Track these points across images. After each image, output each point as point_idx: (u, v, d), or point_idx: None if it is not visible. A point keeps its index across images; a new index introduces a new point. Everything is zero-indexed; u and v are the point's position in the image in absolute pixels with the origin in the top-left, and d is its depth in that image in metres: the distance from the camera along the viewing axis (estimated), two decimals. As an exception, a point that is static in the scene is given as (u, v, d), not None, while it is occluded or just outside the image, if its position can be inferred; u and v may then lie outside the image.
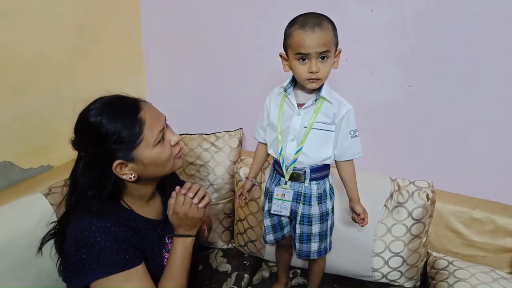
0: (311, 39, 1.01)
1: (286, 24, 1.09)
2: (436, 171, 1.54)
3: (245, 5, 1.67)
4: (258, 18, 1.66)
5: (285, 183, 1.19)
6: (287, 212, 1.22)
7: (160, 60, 1.94)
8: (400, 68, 1.49)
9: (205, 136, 1.72)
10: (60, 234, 1.01)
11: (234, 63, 1.78)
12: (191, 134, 1.72)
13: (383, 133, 1.60)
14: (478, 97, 1.40)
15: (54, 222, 1.06)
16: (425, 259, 1.45)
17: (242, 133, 1.74)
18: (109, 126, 0.92)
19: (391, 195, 1.39)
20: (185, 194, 1.04)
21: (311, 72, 1.04)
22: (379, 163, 1.59)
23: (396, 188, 1.40)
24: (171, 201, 1.06)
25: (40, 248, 1.05)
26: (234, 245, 1.71)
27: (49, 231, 1.05)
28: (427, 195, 1.35)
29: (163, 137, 1.00)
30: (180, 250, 1.05)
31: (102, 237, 0.92)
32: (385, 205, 1.39)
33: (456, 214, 1.43)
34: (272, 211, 1.23)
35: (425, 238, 1.40)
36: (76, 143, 0.97)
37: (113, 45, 1.76)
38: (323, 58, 1.04)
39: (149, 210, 1.09)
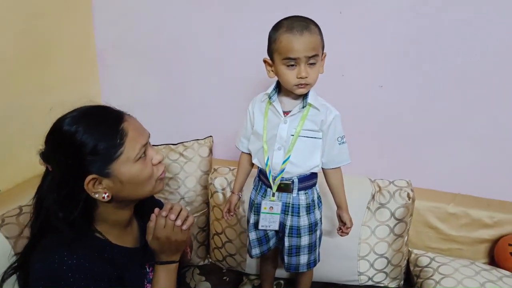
0: (300, 43, 0.97)
1: (255, 24, 1.03)
2: (409, 169, 1.56)
3: (209, 4, 1.58)
4: (223, 18, 1.58)
5: (273, 195, 1.13)
6: (276, 226, 1.15)
7: (117, 66, 1.79)
8: (370, 69, 1.49)
9: (172, 146, 1.61)
10: (24, 267, 0.88)
11: (198, 67, 1.69)
12: (157, 145, 1.60)
13: (355, 134, 1.58)
14: (449, 96, 1.43)
15: (17, 254, 0.92)
16: (407, 258, 1.46)
17: (212, 141, 1.65)
18: (85, 134, 0.82)
19: (373, 197, 1.38)
20: (166, 217, 0.93)
21: (300, 78, 1.00)
22: (353, 165, 1.59)
23: (377, 189, 1.40)
24: (151, 224, 0.93)
25: (0, 286, 0.90)
26: (210, 260, 1.61)
27: (11, 265, 0.91)
28: (408, 194, 1.36)
29: (145, 154, 0.90)
30: (163, 279, 0.94)
31: (75, 277, 0.80)
32: (368, 207, 1.38)
33: (432, 210, 1.46)
34: (260, 227, 1.16)
35: (406, 236, 1.41)
36: (45, 155, 0.85)
37: (65, 51, 1.60)
38: (311, 62, 1.00)
39: (126, 239, 0.97)
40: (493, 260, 1.42)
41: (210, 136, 1.65)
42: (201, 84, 1.72)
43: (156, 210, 0.95)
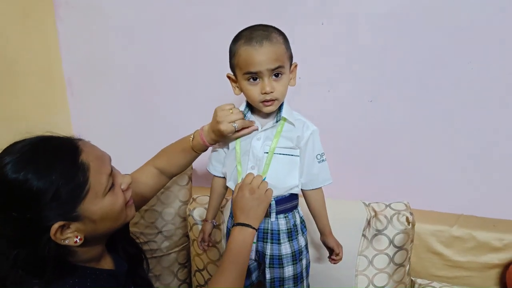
0: (260, 55, 0.87)
1: (228, 41, 0.93)
2: (406, 189, 1.43)
3: (181, 23, 1.49)
4: (192, 38, 1.49)
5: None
6: (252, 255, 1.02)
7: (87, 94, 1.69)
8: (358, 83, 1.39)
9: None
10: None
11: (170, 89, 1.59)
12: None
13: (345, 153, 1.48)
14: (446, 109, 1.32)
15: None
16: (410, 289, 1.32)
17: (192, 167, 1.52)
18: (40, 180, 0.69)
19: (368, 223, 1.25)
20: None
21: (264, 93, 0.90)
22: (346, 187, 1.47)
23: (373, 214, 1.26)
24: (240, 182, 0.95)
25: None
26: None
27: None
28: (407, 218, 1.23)
29: (113, 183, 0.79)
30: (238, 242, 0.89)
31: None
32: (363, 235, 1.24)
33: (435, 234, 1.32)
34: None
35: (408, 265, 1.27)
36: None
37: (29, 79, 1.49)
38: (276, 75, 0.90)
39: (103, 264, 0.86)
40: (505, 287, 1.28)
41: (189, 162, 1.53)
42: (174, 108, 1.61)
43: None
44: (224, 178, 1.07)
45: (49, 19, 1.58)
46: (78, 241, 0.74)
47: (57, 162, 0.72)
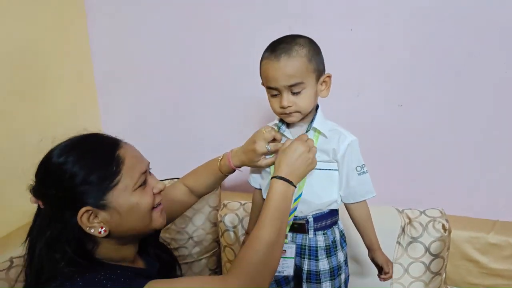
0: (275, 71, 0.86)
1: (259, 44, 0.92)
2: (439, 195, 1.41)
3: (208, 25, 1.50)
4: (228, 38, 1.50)
5: (285, 237, 0.99)
6: (290, 272, 0.99)
7: (116, 97, 1.72)
8: (387, 87, 1.37)
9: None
10: None
11: (202, 91, 1.60)
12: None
13: (376, 159, 1.45)
14: (477, 114, 1.30)
15: None
16: (446, 297, 1.29)
17: (221, 173, 1.52)
18: (76, 164, 0.76)
19: (403, 230, 1.23)
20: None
21: (282, 107, 0.89)
22: (377, 193, 1.45)
23: (407, 221, 1.24)
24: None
25: None
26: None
27: None
28: (443, 225, 1.20)
29: (145, 182, 0.82)
30: (279, 196, 0.86)
31: None
32: (398, 242, 1.22)
33: (470, 241, 1.29)
34: None
35: (444, 273, 1.25)
36: (35, 190, 0.78)
37: (61, 84, 1.52)
38: (295, 92, 0.87)
39: (134, 265, 0.88)
40: (544, 295, 1.25)
41: (219, 168, 1.53)
42: (206, 111, 1.62)
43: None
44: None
45: (81, 24, 1.61)
46: (102, 232, 0.77)
47: (95, 151, 0.79)
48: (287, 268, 0.99)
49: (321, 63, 0.92)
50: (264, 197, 1.03)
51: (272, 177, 0.89)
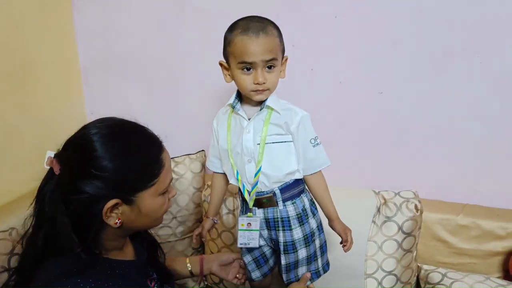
0: (256, 46, 0.90)
1: None
2: (414, 178, 1.48)
3: (200, 15, 1.52)
4: (216, 25, 1.51)
5: (250, 211, 1.04)
6: (256, 243, 1.05)
7: (102, 86, 1.72)
8: (369, 75, 1.43)
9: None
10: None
11: (186, 79, 1.62)
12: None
13: (355, 144, 1.52)
14: (453, 100, 1.36)
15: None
16: (416, 274, 1.36)
17: (205, 155, 1.56)
18: (123, 156, 0.78)
19: (378, 210, 1.29)
20: None
21: (257, 83, 0.93)
22: (355, 176, 1.51)
23: (382, 201, 1.31)
24: None
25: None
26: (206, 283, 1.50)
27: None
28: (415, 206, 1.27)
29: (167, 189, 0.86)
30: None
31: None
32: (373, 221, 1.29)
33: (441, 222, 1.37)
34: (238, 245, 1.05)
35: (415, 251, 1.32)
36: (61, 159, 0.77)
37: (46, 70, 1.51)
38: (269, 67, 0.93)
39: (124, 254, 0.90)
40: (508, 273, 1.33)
41: (202, 150, 1.57)
42: (190, 97, 1.65)
43: None
44: (224, 174, 1.09)
45: (66, 10, 1.60)
46: (118, 223, 0.79)
47: (146, 148, 0.81)
48: (252, 240, 1.05)
49: (284, 45, 0.97)
50: (230, 181, 1.07)
51: None
